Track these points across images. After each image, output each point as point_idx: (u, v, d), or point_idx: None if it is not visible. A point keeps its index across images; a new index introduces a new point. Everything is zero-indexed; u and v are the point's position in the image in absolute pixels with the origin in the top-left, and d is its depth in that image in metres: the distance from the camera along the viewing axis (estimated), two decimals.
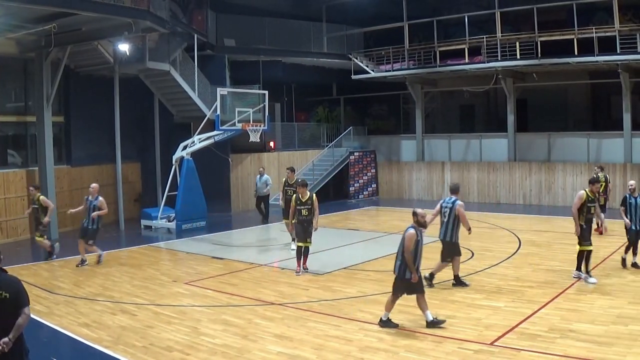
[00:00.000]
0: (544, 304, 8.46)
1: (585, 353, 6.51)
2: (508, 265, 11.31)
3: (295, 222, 11.02)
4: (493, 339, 7.10)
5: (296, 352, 6.96)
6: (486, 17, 21.27)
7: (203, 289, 10.21)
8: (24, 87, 16.89)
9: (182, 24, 18.72)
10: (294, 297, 9.47)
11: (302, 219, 10.94)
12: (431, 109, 25.54)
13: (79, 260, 12.20)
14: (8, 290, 4.82)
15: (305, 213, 10.91)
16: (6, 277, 4.91)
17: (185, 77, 18.95)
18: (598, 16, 19.99)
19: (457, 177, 22.55)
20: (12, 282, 4.91)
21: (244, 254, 13.63)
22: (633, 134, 19.06)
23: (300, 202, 10.99)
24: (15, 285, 4.92)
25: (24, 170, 16.28)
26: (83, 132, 18.34)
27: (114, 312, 8.81)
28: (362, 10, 23.55)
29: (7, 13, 12.68)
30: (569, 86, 21.67)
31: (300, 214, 10.94)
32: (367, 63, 23.32)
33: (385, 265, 11.61)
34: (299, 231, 11.04)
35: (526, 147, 21.68)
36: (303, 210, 10.91)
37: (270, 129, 20.52)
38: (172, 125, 20.92)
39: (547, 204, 20.33)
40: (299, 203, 10.99)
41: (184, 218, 16.92)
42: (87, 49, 16.80)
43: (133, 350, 7.15)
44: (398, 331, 7.57)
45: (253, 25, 22.27)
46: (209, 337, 7.60)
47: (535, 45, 19.13)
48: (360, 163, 24.29)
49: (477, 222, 17.27)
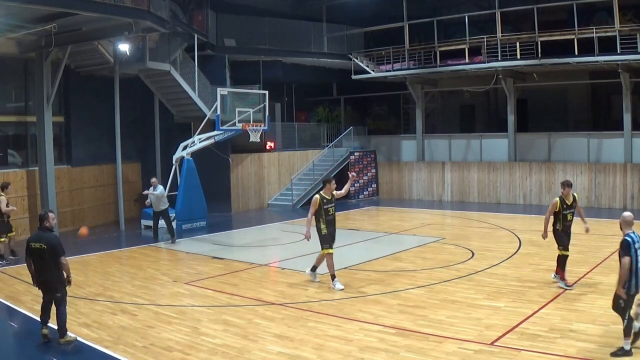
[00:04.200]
0: (544, 304, 8.46)
1: (586, 353, 6.50)
2: (508, 265, 11.31)
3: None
4: (493, 339, 7.10)
5: (296, 352, 6.96)
6: (486, 17, 21.28)
7: (203, 289, 10.21)
8: (24, 87, 16.89)
9: (182, 24, 18.72)
10: (294, 297, 9.47)
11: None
12: (431, 109, 25.54)
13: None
14: (46, 244, 7.39)
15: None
16: (46, 234, 7.51)
17: (185, 77, 18.95)
18: (598, 16, 19.99)
19: (457, 177, 22.58)
20: (49, 238, 7.47)
21: (244, 254, 13.63)
22: (633, 134, 19.05)
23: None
24: (52, 240, 7.45)
25: (24, 170, 16.28)
26: (83, 132, 18.35)
27: (115, 312, 8.81)
28: (362, 10, 23.55)
29: (7, 13, 12.68)
30: (569, 86, 21.67)
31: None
32: (367, 63, 23.32)
33: (385, 265, 11.64)
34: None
35: (526, 147, 21.68)
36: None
37: (271, 129, 20.53)
38: (172, 125, 20.93)
39: (547, 204, 20.00)
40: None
41: (184, 218, 16.92)
42: (87, 49, 16.80)
43: (133, 350, 7.15)
44: (398, 331, 7.57)
45: (253, 25, 22.27)
46: (209, 337, 7.61)
47: (535, 45, 19.13)
48: (361, 163, 24.29)
49: (477, 222, 17.33)
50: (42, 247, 7.42)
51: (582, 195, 19.73)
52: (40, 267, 7.51)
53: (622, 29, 17.72)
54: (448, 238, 14.44)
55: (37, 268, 7.54)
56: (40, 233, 7.61)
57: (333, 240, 10.03)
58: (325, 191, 10.03)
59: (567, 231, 9.48)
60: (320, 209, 9.88)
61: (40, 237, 7.53)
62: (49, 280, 7.52)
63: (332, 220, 10.00)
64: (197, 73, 19.25)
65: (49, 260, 7.42)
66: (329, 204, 9.98)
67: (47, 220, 7.64)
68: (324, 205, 9.90)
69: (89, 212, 18.35)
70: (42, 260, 7.46)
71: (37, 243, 7.49)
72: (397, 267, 11.46)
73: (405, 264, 11.71)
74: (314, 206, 9.89)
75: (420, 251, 13.08)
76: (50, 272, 7.48)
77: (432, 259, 12.13)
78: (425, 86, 24.27)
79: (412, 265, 11.60)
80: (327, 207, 9.93)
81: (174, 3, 18.35)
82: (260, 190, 21.98)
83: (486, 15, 21.18)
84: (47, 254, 7.41)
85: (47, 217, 7.66)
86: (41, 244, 7.44)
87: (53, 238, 7.55)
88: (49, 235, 7.57)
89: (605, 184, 19.27)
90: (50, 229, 7.66)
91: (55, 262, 7.42)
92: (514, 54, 19.65)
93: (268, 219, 19.59)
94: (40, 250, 7.44)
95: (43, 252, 7.43)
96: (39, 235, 7.60)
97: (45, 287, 7.58)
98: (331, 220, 9.99)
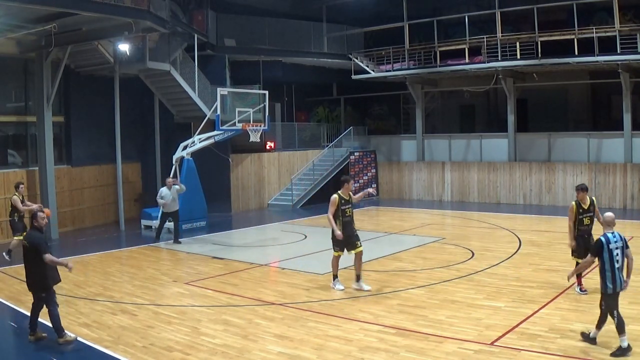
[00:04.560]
0: (544, 304, 8.46)
1: (585, 353, 6.51)
2: (508, 265, 11.31)
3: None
4: (493, 339, 7.10)
5: (296, 352, 6.96)
6: (486, 17, 21.29)
7: (203, 289, 10.21)
8: (24, 87, 16.89)
9: (182, 24, 18.72)
10: (294, 297, 9.47)
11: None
12: (431, 109, 25.54)
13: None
14: (28, 242, 7.45)
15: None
16: (31, 233, 7.60)
17: (185, 77, 18.95)
18: (598, 16, 19.99)
19: (457, 177, 22.58)
20: (31, 236, 7.50)
21: (244, 254, 13.63)
22: (633, 134, 19.05)
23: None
24: (34, 238, 7.44)
25: (24, 170, 16.28)
26: (83, 132, 18.35)
27: (114, 312, 8.81)
28: (362, 10, 23.55)
29: (7, 13, 12.68)
30: (569, 86, 21.67)
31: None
32: (367, 63, 23.32)
33: (385, 265, 11.63)
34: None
35: (526, 147, 21.68)
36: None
37: (271, 129, 20.52)
38: (172, 125, 20.93)
39: (547, 204, 20.33)
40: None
41: (184, 218, 16.87)
42: (87, 49, 16.80)
43: (133, 350, 7.15)
44: (398, 331, 7.57)
45: (253, 25, 22.27)
46: (209, 337, 7.60)
47: (535, 45, 19.13)
48: (361, 163, 24.29)
49: (477, 222, 17.33)
50: (26, 245, 7.50)
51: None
52: (25, 267, 7.58)
53: (622, 29, 17.72)
54: (448, 238, 14.44)
55: (25, 267, 7.59)
56: (29, 232, 7.69)
57: (348, 244, 9.62)
58: (343, 191, 9.69)
59: (583, 236, 8.87)
60: (338, 210, 9.54)
61: (27, 236, 7.62)
62: (34, 280, 7.50)
63: (349, 222, 9.65)
64: (197, 73, 19.24)
65: (31, 259, 7.43)
66: (347, 204, 9.66)
67: (35, 219, 7.58)
68: (342, 205, 9.56)
69: (89, 212, 18.36)
70: (26, 259, 7.54)
71: (25, 242, 7.54)
72: (397, 267, 11.46)
73: (405, 264, 11.71)
74: (333, 205, 9.52)
75: (420, 251, 13.08)
76: (33, 271, 7.47)
77: (432, 259, 12.13)
78: (425, 86, 24.27)
79: (412, 265, 11.60)
80: (344, 207, 9.59)
81: (174, 3, 18.35)
82: (260, 190, 21.98)
83: (486, 15, 21.18)
84: (30, 253, 7.43)
85: (35, 217, 7.61)
86: (26, 242, 7.52)
87: (35, 236, 7.51)
88: (33, 233, 7.56)
89: (605, 184, 19.27)
90: (39, 228, 7.60)
91: (37, 260, 7.36)
92: (514, 54, 19.65)
93: (268, 219, 19.59)
94: (25, 248, 7.52)
95: (26, 250, 7.49)
96: (27, 234, 7.70)
97: (29, 286, 7.60)
98: (348, 222, 9.63)
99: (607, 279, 6.55)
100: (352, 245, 9.65)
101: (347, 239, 9.58)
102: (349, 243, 9.64)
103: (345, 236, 9.54)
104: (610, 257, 6.53)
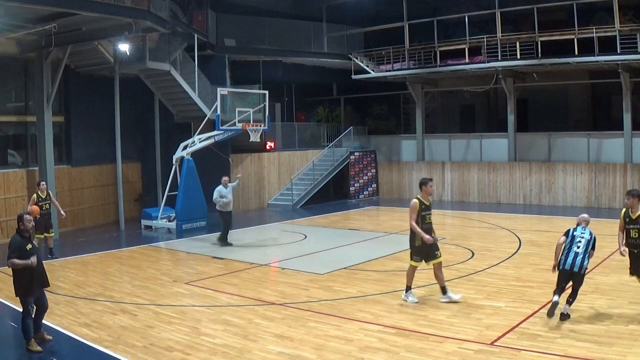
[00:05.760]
0: (544, 304, 8.44)
1: (586, 353, 6.50)
2: (508, 265, 11.31)
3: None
4: (493, 339, 7.10)
5: (296, 352, 6.96)
6: (486, 17, 21.26)
7: (203, 289, 10.21)
8: (24, 87, 16.90)
9: (182, 24, 18.72)
10: (294, 297, 9.47)
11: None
12: (431, 109, 25.53)
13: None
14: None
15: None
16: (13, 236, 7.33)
17: (185, 77, 18.95)
18: (598, 16, 19.97)
19: (457, 177, 22.58)
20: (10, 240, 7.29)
21: (244, 254, 13.62)
22: (633, 134, 19.05)
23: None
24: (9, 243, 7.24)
25: (24, 170, 16.28)
26: (83, 132, 18.35)
27: (115, 312, 8.81)
28: (362, 10, 23.54)
29: (7, 13, 12.69)
30: (569, 86, 21.66)
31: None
32: (367, 63, 23.31)
33: (385, 265, 11.63)
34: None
35: (526, 147, 21.68)
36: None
37: (271, 129, 20.52)
38: (172, 125, 20.92)
39: (547, 204, 20.33)
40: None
41: (184, 218, 16.92)
42: (87, 49, 16.81)
43: (133, 350, 7.15)
44: (398, 331, 7.57)
45: (253, 25, 22.26)
46: (209, 337, 7.61)
47: (535, 45, 19.12)
48: (361, 163, 24.29)
49: (477, 222, 17.34)
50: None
51: (582, 195, 19.77)
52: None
53: (622, 29, 17.72)
54: (448, 238, 14.41)
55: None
56: (12, 235, 7.42)
57: (427, 254, 8.77)
58: (423, 195, 8.83)
59: (632, 250, 7.77)
60: (418, 216, 8.68)
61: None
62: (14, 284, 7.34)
63: (428, 229, 8.74)
64: (197, 73, 19.24)
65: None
66: (427, 210, 8.78)
67: (22, 222, 7.29)
68: (422, 212, 8.70)
69: (89, 212, 18.37)
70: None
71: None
72: (397, 267, 11.44)
73: (406, 264, 11.64)
74: (414, 212, 8.65)
75: None
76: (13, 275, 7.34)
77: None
78: (425, 86, 24.27)
79: None
80: (424, 214, 8.73)
81: (174, 3, 18.35)
82: (260, 190, 21.98)
83: (486, 15, 21.16)
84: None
85: (21, 219, 7.31)
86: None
87: (11, 241, 7.25)
88: (13, 237, 7.29)
89: (605, 184, 19.27)
90: (24, 231, 7.30)
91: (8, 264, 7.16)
92: (514, 54, 19.64)
93: (268, 219, 19.59)
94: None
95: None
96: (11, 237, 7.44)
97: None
98: (428, 229, 8.72)
99: (562, 255, 7.80)
100: (432, 256, 8.78)
101: (426, 248, 8.75)
102: (429, 253, 8.79)
103: (425, 245, 8.73)
104: (572, 241, 7.81)
